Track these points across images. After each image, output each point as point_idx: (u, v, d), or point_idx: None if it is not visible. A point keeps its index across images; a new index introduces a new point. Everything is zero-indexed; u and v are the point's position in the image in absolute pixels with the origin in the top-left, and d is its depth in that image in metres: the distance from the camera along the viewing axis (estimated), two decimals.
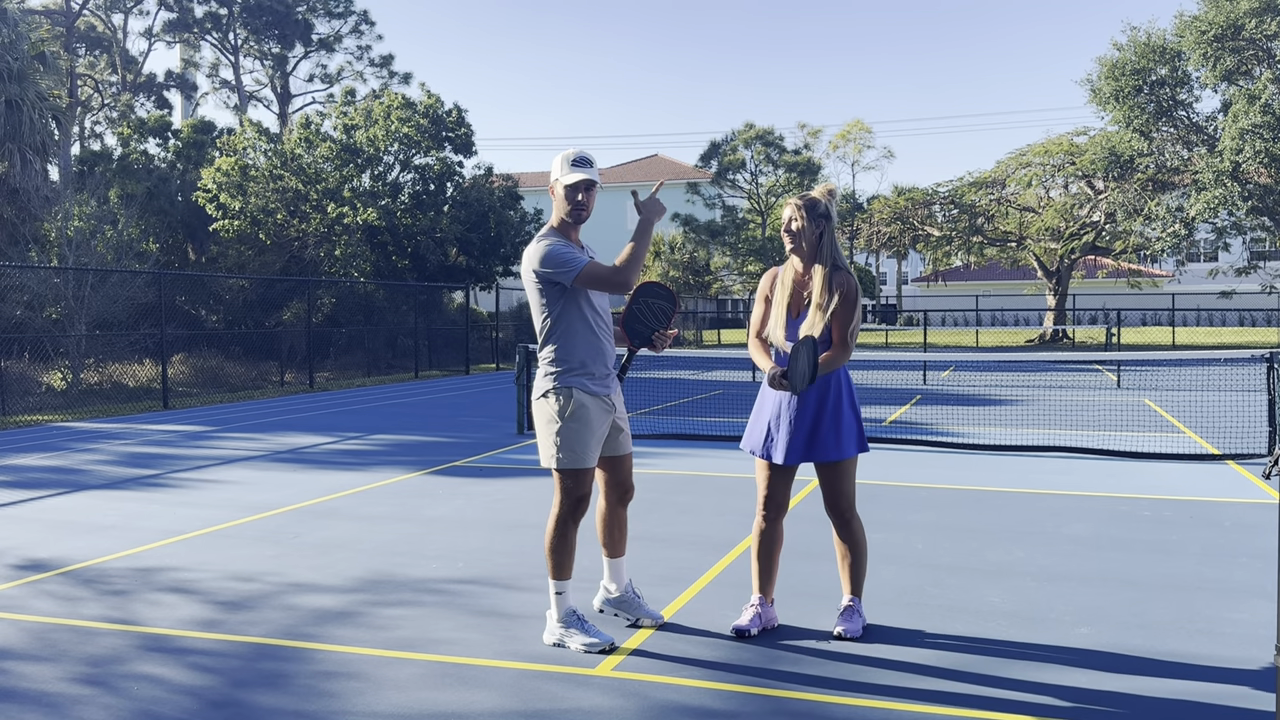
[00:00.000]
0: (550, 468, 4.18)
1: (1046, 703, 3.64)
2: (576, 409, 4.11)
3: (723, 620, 4.58)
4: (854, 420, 4.34)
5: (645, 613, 4.52)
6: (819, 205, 4.27)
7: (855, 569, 4.43)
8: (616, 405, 4.30)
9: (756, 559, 4.49)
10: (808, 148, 45.54)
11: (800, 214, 4.25)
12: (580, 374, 4.15)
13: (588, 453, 4.15)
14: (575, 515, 4.19)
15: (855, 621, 4.36)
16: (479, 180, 29.01)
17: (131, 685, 3.87)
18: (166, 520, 6.95)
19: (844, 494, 4.35)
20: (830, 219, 4.27)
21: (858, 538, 4.41)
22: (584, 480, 4.16)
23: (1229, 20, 28.64)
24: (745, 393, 17.06)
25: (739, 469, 8.86)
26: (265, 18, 39.82)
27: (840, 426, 4.28)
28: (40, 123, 21.79)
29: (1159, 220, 33.25)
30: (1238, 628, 4.44)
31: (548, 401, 4.16)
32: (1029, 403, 14.83)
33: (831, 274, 4.25)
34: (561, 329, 4.15)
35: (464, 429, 12.28)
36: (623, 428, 4.35)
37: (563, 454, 4.12)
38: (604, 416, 4.21)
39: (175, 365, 19.23)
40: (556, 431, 4.13)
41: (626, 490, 4.43)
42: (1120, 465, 8.99)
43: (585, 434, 4.13)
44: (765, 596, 4.49)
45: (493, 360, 28.32)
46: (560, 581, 4.21)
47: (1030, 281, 47.50)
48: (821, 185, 4.37)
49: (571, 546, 4.20)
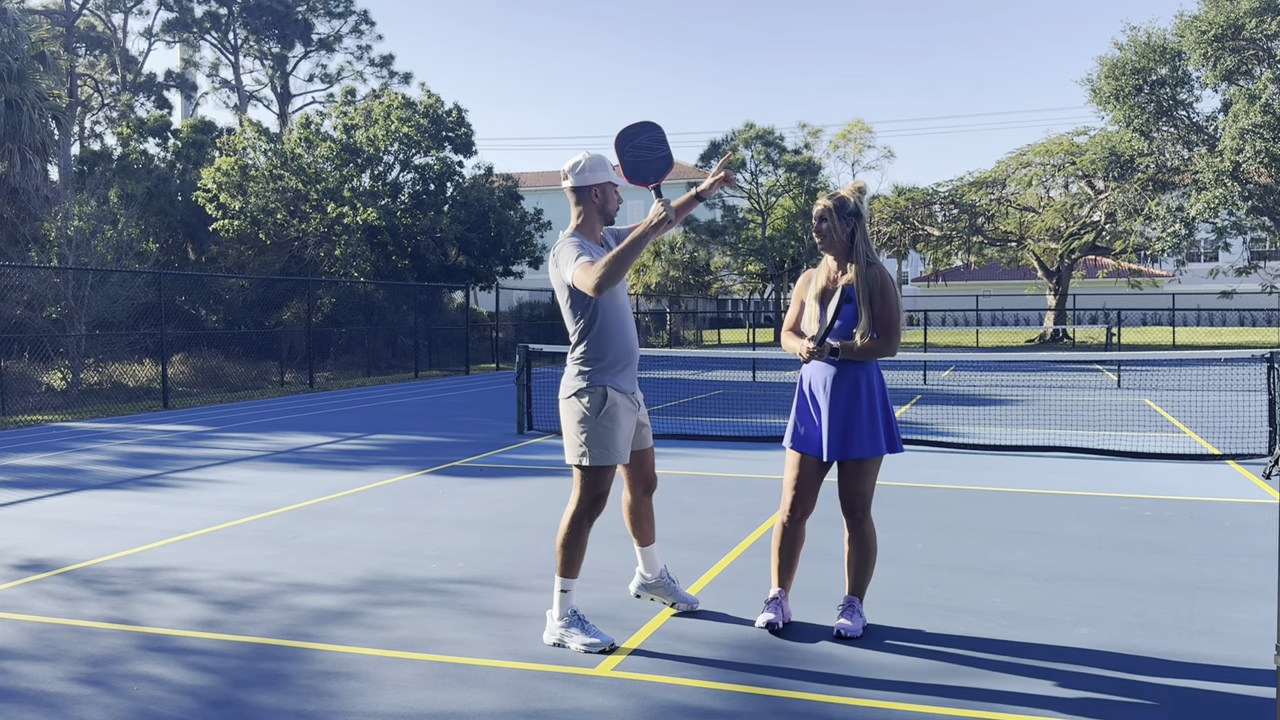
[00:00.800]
0: (575, 464, 4.21)
1: (1046, 703, 3.64)
2: (610, 407, 4.17)
3: (723, 620, 4.58)
4: (886, 419, 4.35)
5: (680, 597, 4.66)
6: (848, 204, 4.29)
7: (861, 570, 4.42)
8: (640, 403, 4.40)
9: (778, 555, 4.50)
10: (808, 147, 45.54)
11: (830, 214, 4.28)
12: (611, 372, 4.22)
13: (618, 450, 4.21)
14: (593, 513, 4.24)
15: (856, 620, 4.36)
16: (479, 180, 29.02)
17: (131, 685, 3.87)
18: (166, 520, 6.94)
19: (861, 493, 4.34)
20: (861, 216, 4.30)
21: (869, 540, 4.41)
22: (607, 478, 4.23)
23: (1229, 20, 28.64)
24: (745, 393, 17.06)
25: (739, 469, 8.86)
26: (265, 17, 39.82)
27: (876, 422, 4.29)
28: (40, 123, 21.79)
29: (1159, 220, 33.25)
30: (1238, 628, 4.44)
31: (579, 400, 4.21)
32: (1029, 403, 14.82)
33: (866, 270, 4.28)
34: (594, 328, 4.20)
35: (464, 429, 12.28)
36: (645, 423, 4.45)
37: (593, 451, 4.16)
38: (631, 414, 4.30)
39: (175, 365, 19.23)
40: (588, 429, 4.17)
41: (650, 482, 4.54)
42: (1120, 465, 8.99)
43: (616, 432, 4.19)
44: (784, 590, 4.51)
45: (493, 360, 28.32)
46: (567, 579, 4.24)
47: (1030, 281, 47.52)
48: (851, 183, 4.40)
49: (584, 544, 4.25)
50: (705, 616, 4.65)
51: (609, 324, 4.20)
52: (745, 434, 11.22)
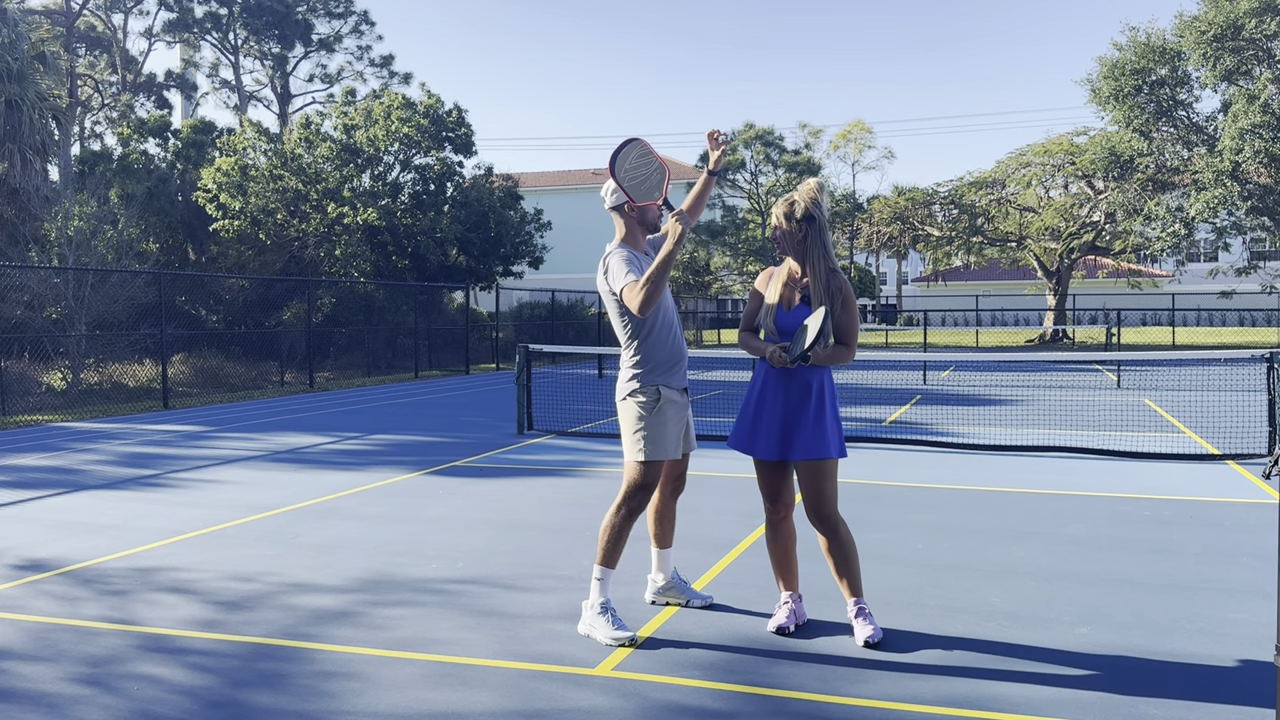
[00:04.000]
0: (638, 461, 4.35)
1: (1047, 703, 3.64)
2: (663, 405, 4.37)
3: (723, 620, 4.58)
4: (834, 423, 4.35)
5: (694, 595, 4.81)
6: (795, 209, 4.28)
7: (849, 571, 4.38)
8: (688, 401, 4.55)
9: (772, 556, 4.52)
10: (808, 147, 45.58)
11: (781, 219, 4.32)
12: (661, 372, 4.41)
13: (671, 445, 4.39)
14: (641, 505, 4.39)
15: (874, 624, 4.31)
16: (479, 180, 29.01)
17: (131, 685, 3.87)
18: (166, 520, 6.94)
19: (826, 495, 4.30)
20: (814, 220, 4.26)
21: (845, 541, 4.36)
22: (656, 472, 4.39)
23: (1229, 20, 28.62)
24: (745, 393, 17.05)
25: (739, 469, 8.86)
26: (265, 18, 39.81)
27: (823, 425, 4.29)
28: (40, 123, 21.80)
29: (1159, 220, 33.24)
30: (1238, 628, 4.44)
31: (635, 400, 4.40)
32: (1029, 403, 14.82)
33: (829, 278, 4.28)
34: (644, 333, 4.40)
35: (464, 429, 12.28)
36: (690, 423, 4.60)
37: (650, 447, 4.34)
38: (681, 412, 4.48)
39: (175, 365, 19.22)
40: (644, 427, 4.36)
41: (680, 484, 4.70)
42: (1120, 465, 8.99)
43: (669, 428, 4.38)
44: (794, 592, 4.51)
45: (493, 360, 28.31)
46: (604, 568, 4.37)
47: (1030, 281, 47.51)
48: (806, 183, 4.32)
49: (625, 537, 4.40)
50: (705, 616, 4.65)
51: (656, 329, 4.41)
52: None
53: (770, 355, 4.28)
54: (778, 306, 4.39)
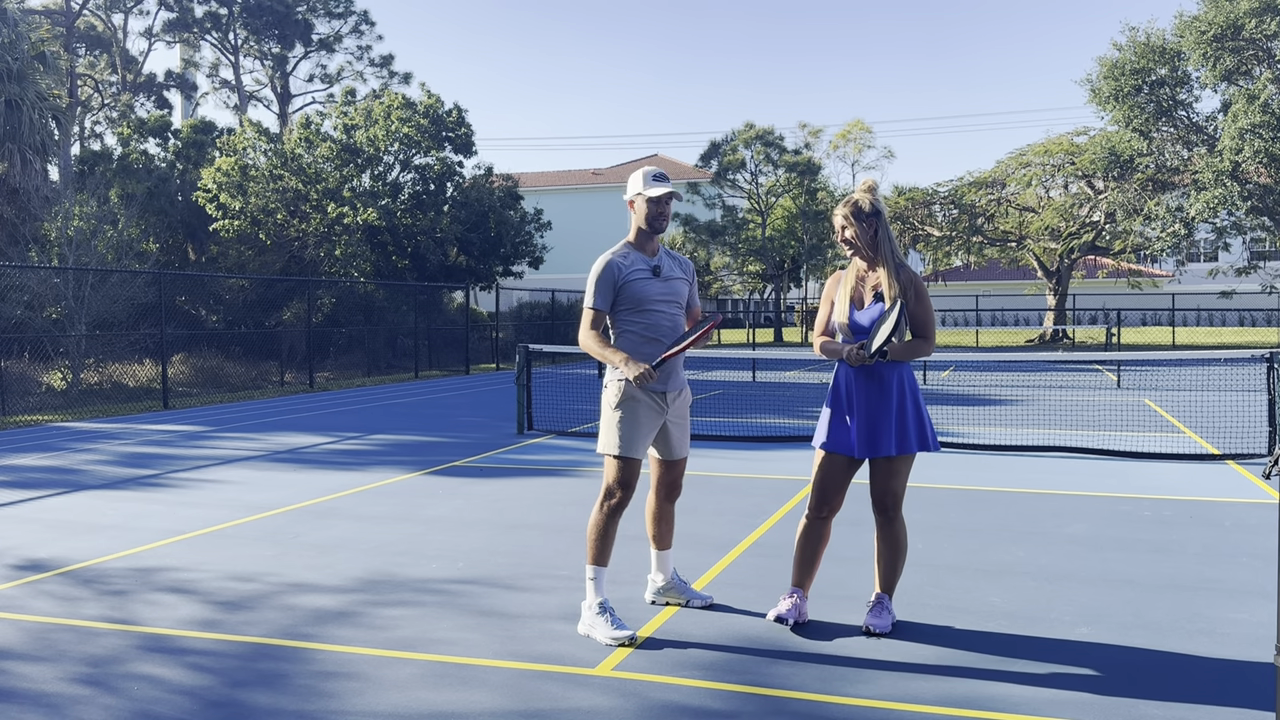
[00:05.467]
0: (606, 454, 4.42)
1: (1046, 703, 3.64)
2: (625, 400, 4.41)
3: (723, 620, 4.58)
4: (919, 417, 4.36)
5: (694, 595, 4.82)
6: (863, 208, 4.31)
7: (892, 568, 4.45)
8: (671, 407, 4.52)
9: (800, 551, 4.52)
10: (808, 147, 45.54)
11: (849, 221, 4.32)
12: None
13: (633, 444, 4.40)
14: (614, 502, 4.40)
15: (885, 617, 4.39)
16: (479, 180, 29.01)
17: (130, 685, 3.87)
18: (166, 520, 6.94)
19: (893, 491, 4.38)
20: (880, 214, 4.33)
21: (900, 538, 4.44)
22: (626, 470, 4.39)
23: (1229, 20, 28.63)
24: (745, 393, 17.06)
25: (739, 469, 8.86)
26: (265, 18, 39.80)
27: (906, 420, 4.31)
28: (40, 123, 21.80)
29: (1159, 220, 33.24)
30: (1238, 628, 4.44)
31: (607, 391, 4.49)
32: (1029, 403, 14.82)
33: (898, 271, 4.32)
34: (618, 331, 4.54)
35: (464, 429, 12.28)
36: (677, 432, 4.59)
37: (612, 439, 4.42)
38: (653, 414, 4.45)
39: (175, 365, 19.23)
40: (608, 420, 4.45)
41: (674, 489, 4.71)
42: (1120, 465, 8.99)
43: (632, 425, 4.40)
44: (803, 590, 4.53)
45: (493, 360, 28.31)
46: (597, 567, 4.39)
47: (1030, 281, 47.49)
48: (861, 184, 4.39)
49: (610, 535, 4.41)
50: (705, 616, 4.65)
51: (626, 330, 4.50)
52: (745, 434, 11.22)
53: (848, 355, 4.28)
54: (850, 306, 4.39)
